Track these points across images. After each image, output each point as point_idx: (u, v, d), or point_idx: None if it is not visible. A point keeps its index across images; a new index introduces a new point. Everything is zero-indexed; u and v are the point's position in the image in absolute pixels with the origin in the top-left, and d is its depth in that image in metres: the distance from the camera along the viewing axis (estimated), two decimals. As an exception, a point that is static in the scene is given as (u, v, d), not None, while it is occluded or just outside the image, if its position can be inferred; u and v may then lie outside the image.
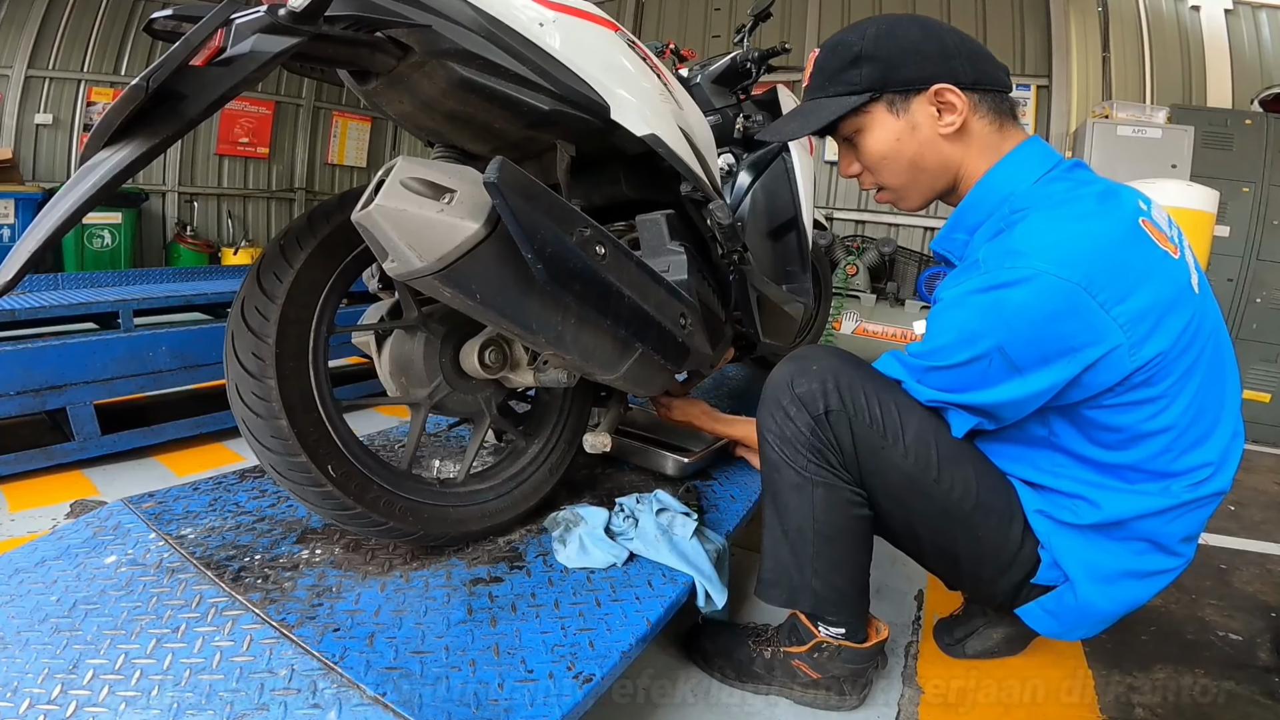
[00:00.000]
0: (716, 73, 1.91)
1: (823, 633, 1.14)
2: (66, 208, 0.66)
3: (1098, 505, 1.01)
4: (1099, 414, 0.97)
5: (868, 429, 1.03)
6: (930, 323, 1.02)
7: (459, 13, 0.89)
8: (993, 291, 0.91)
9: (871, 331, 3.98)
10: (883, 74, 0.99)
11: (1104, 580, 1.04)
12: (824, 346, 1.16)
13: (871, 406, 1.04)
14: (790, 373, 1.08)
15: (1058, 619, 1.10)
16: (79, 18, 5.25)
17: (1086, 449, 1.01)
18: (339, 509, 1.01)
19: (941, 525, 1.07)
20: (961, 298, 0.96)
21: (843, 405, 1.03)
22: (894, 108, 1.01)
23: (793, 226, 1.87)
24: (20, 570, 1.06)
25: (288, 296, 0.97)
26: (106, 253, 5.03)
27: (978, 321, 0.94)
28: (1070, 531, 1.04)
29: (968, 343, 0.95)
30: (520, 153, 1.13)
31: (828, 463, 1.05)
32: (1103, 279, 0.88)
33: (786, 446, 1.06)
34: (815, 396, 1.04)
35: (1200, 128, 3.44)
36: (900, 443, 1.03)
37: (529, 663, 0.90)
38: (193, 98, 0.68)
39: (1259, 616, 1.54)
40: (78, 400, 2.07)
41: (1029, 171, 1.00)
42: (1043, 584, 1.08)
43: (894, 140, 1.02)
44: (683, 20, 5.82)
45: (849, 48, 1.01)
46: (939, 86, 0.98)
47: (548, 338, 0.98)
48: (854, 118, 1.03)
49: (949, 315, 0.98)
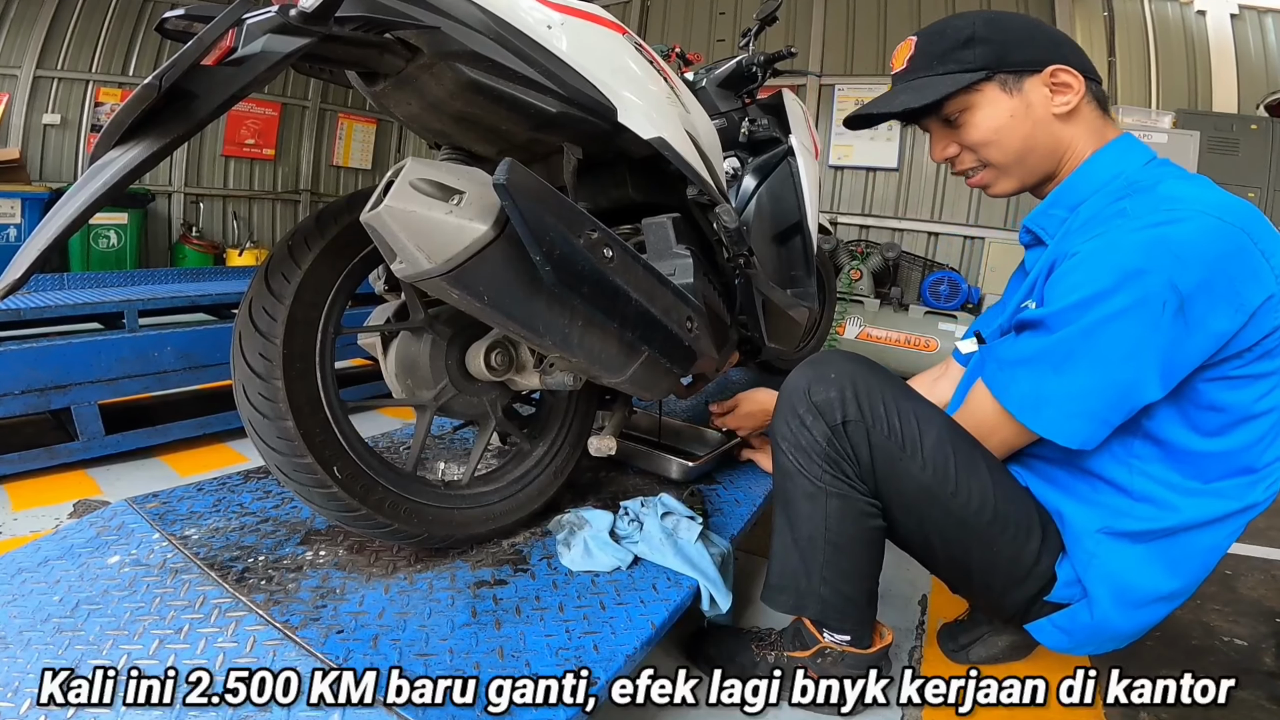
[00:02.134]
0: (722, 76, 1.91)
1: (827, 638, 1.13)
2: (76, 207, 0.66)
3: (1172, 509, 0.97)
4: (1213, 388, 0.92)
5: (885, 440, 1.01)
6: (1066, 279, 0.93)
7: (467, 15, 0.89)
8: (1155, 228, 0.86)
9: (875, 337, 3.98)
10: (998, 54, 0.99)
11: (1132, 605, 1.01)
12: (842, 351, 1.14)
13: (890, 416, 1.01)
14: (808, 379, 1.05)
15: (1069, 635, 1.07)
16: (88, 18, 5.29)
17: (1179, 434, 0.95)
18: (344, 510, 1.01)
19: (956, 536, 1.05)
20: (1112, 240, 0.89)
21: (861, 415, 1.01)
22: (1007, 87, 1.00)
23: (798, 230, 1.87)
24: (23, 569, 1.06)
25: (295, 297, 0.97)
26: (112, 253, 5.05)
27: (1142, 258, 0.86)
28: (1124, 546, 0.99)
29: (1132, 279, 0.86)
30: (527, 154, 1.13)
31: (843, 473, 1.03)
32: (1258, 230, 0.88)
33: (801, 455, 1.05)
34: (833, 405, 1.02)
35: (1206, 132, 3.44)
36: (919, 454, 1.01)
37: (533, 666, 0.90)
38: (204, 97, 0.68)
39: (1264, 622, 1.53)
40: (82, 400, 2.08)
41: (1137, 156, 1.01)
42: (1056, 601, 1.05)
43: (1007, 117, 1.01)
44: (688, 24, 5.84)
45: (959, 30, 1.01)
46: (1055, 67, 0.98)
47: (554, 340, 0.98)
48: (964, 95, 1.02)
49: (1098, 260, 0.89)
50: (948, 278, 4.30)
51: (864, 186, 5.18)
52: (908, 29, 5.06)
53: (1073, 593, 1.04)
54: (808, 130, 1.99)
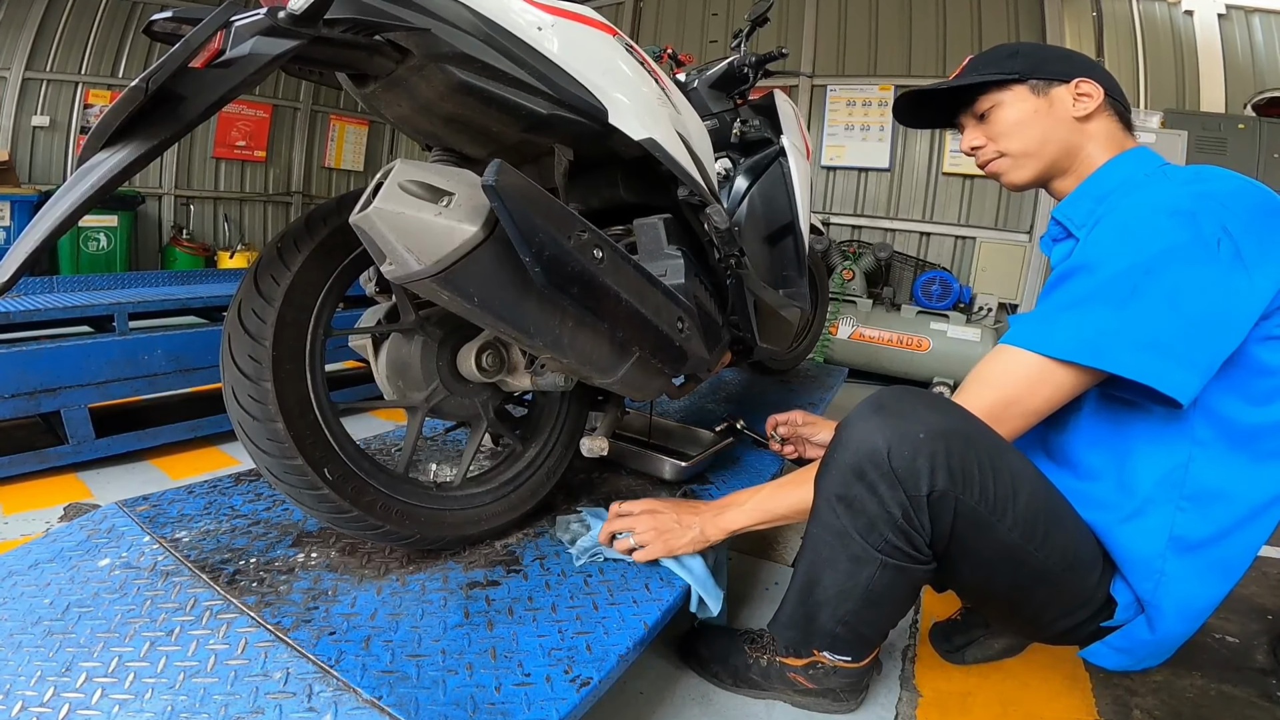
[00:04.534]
0: (714, 77, 1.92)
1: (824, 655, 1.13)
2: (65, 209, 0.66)
3: (1231, 498, 0.94)
4: (1264, 349, 0.90)
5: (974, 508, 0.92)
6: (1109, 230, 0.93)
7: (458, 16, 0.89)
8: (1196, 184, 0.91)
9: (868, 337, 3.99)
10: (1033, 64, 1.09)
11: (1192, 617, 0.99)
12: (925, 394, 0.99)
13: (984, 478, 0.91)
14: (887, 438, 0.92)
15: (1129, 655, 1.04)
16: (77, 20, 5.26)
17: (1229, 404, 0.92)
18: (335, 512, 1.01)
19: (1026, 586, 0.99)
20: (1154, 193, 0.92)
21: (950, 484, 0.90)
22: (1036, 90, 1.08)
23: (790, 231, 1.88)
24: (13, 573, 1.06)
25: (285, 299, 0.97)
26: (102, 255, 5.02)
27: (1190, 201, 0.88)
28: (1191, 558, 0.96)
29: (1185, 218, 0.86)
30: (518, 156, 1.13)
31: (910, 546, 0.95)
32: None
33: (860, 521, 0.95)
34: (919, 475, 0.90)
35: (1194, 132, 3.46)
36: (1009, 515, 0.93)
37: (526, 666, 0.90)
38: (192, 100, 0.68)
39: (1256, 619, 1.54)
40: (72, 403, 2.07)
41: (1153, 160, 1.06)
42: (1114, 624, 1.02)
43: (1031, 112, 1.09)
44: (680, 25, 5.84)
45: (1006, 48, 1.13)
46: (1080, 80, 1.06)
47: (545, 341, 0.98)
48: (997, 91, 1.10)
49: (1144, 206, 0.92)
50: (940, 277, 4.32)
51: (856, 187, 5.19)
52: (899, 29, 5.10)
53: (1131, 613, 1.01)
54: (799, 131, 1.99)
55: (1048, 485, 1.00)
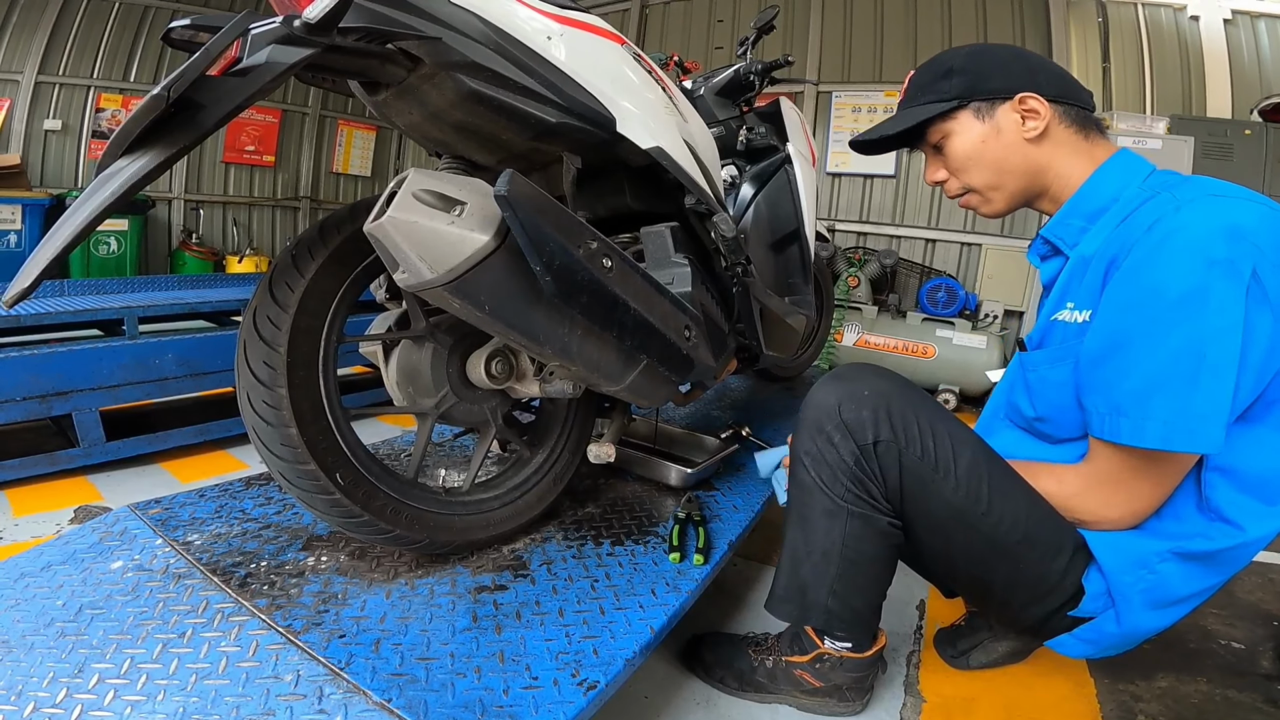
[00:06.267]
0: (720, 85, 1.93)
1: (827, 645, 1.14)
2: (85, 215, 0.67)
3: (1240, 526, 0.94)
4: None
5: (918, 461, 1.00)
6: (1143, 275, 0.88)
7: (469, 26, 0.90)
8: (1221, 217, 0.85)
9: (873, 343, 3.99)
10: (970, 84, 1.04)
11: (1162, 605, 0.99)
12: (873, 366, 1.11)
13: (924, 437, 1.00)
14: (838, 396, 1.04)
15: (1094, 645, 1.06)
16: (89, 24, 5.31)
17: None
18: (346, 516, 1.02)
19: (982, 555, 1.03)
20: (1190, 241, 0.85)
21: (894, 436, 1.00)
22: (980, 114, 1.05)
23: (795, 238, 1.88)
24: (26, 574, 1.07)
25: (299, 306, 0.98)
26: (112, 259, 5.05)
27: (1226, 248, 0.83)
28: (1191, 564, 0.96)
29: (1228, 271, 0.83)
30: (526, 164, 1.14)
31: (868, 494, 1.02)
32: None
33: (824, 472, 1.04)
34: (864, 425, 1.00)
35: (1200, 138, 3.45)
36: (951, 475, 0.99)
37: (533, 669, 0.91)
38: (210, 108, 0.69)
39: (1261, 625, 1.54)
40: (83, 406, 2.09)
41: (1140, 169, 1.02)
42: (1081, 615, 1.04)
43: (979, 142, 1.05)
44: (686, 32, 5.86)
45: (942, 64, 1.07)
46: (1023, 95, 1.01)
47: (554, 349, 0.99)
48: (941, 123, 1.07)
49: (1176, 252, 0.86)
50: (945, 284, 4.31)
51: (861, 194, 5.19)
52: (904, 36, 5.08)
53: (1100, 605, 1.02)
54: (805, 138, 2.00)
55: (993, 456, 1.03)
